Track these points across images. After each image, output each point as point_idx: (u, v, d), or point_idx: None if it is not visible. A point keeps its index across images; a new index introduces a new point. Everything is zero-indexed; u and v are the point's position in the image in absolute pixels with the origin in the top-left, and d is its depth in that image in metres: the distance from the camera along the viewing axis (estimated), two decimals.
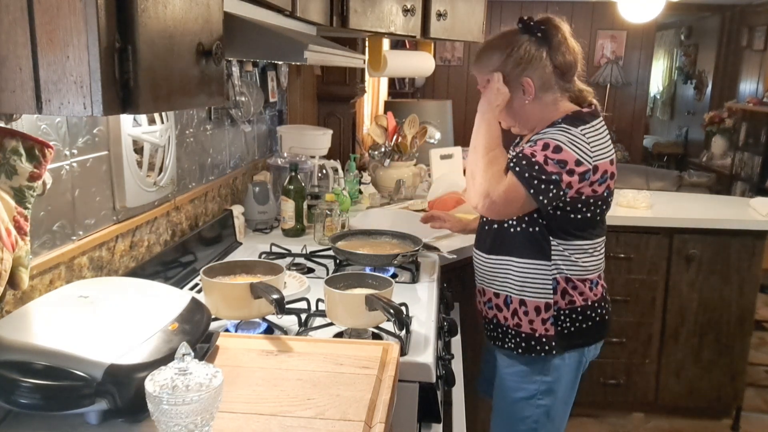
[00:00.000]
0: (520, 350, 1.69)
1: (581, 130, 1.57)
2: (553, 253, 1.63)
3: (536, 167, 1.53)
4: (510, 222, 1.67)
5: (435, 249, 2.09)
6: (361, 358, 1.21)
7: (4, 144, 0.99)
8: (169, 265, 1.70)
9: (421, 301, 1.67)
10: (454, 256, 2.09)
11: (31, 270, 1.13)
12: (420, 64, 2.97)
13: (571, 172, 1.53)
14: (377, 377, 1.14)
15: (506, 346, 1.73)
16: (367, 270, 1.82)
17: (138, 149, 1.55)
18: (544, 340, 1.66)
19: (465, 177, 1.83)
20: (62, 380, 0.92)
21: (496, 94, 1.64)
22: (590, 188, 1.58)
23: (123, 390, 0.93)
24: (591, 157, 1.55)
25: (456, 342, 1.81)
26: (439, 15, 2.49)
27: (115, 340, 0.99)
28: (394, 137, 2.87)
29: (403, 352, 1.34)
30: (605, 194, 1.62)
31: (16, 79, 0.77)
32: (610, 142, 1.64)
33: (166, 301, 1.18)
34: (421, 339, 1.43)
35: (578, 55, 1.64)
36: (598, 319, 1.70)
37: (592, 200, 1.60)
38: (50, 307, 1.08)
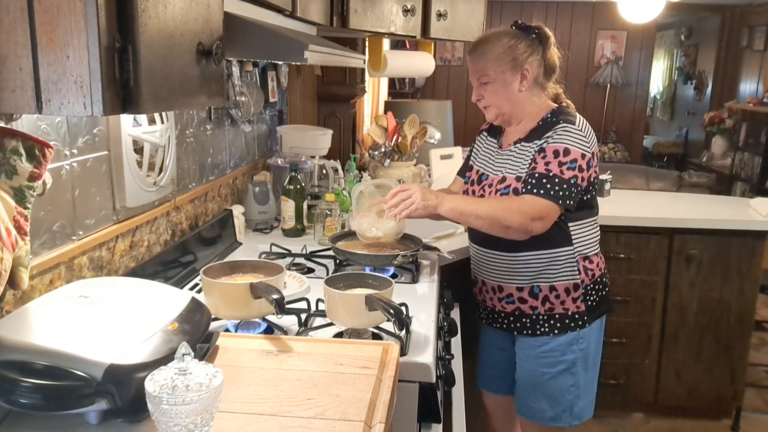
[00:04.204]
0: (556, 331, 1.81)
1: (580, 121, 1.73)
2: (573, 236, 1.77)
3: (556, 180, 1.66)
4: None
5: (435, 249, 2.09)
6: (361, 358, 1.21)
7: (4, 144, 0.99)
8: (169, 265, 1.70)
9: (421, 301, 1.67)
10: (454, 256, 2.09)
11: (31, 270, 1.13)
12: (420, 64, 2.97)
13: (581, 168, 1.68)
14: (377, 377, 1.14)
15: (539, 332, 1.82)
16: (367, 270, 1.82)
17: (138, 149, 1.55)
18: (576, 316, 1.80)
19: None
20: (62, 380, 0.92)
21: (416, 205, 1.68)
22: (593, 171, 1.75)
23: (123, 390, 0.93)
24: (590, 145, 1.72)
25: (456, 342, 1.81)
26: (439, 15, 2.49)
27: (115, 340, 0.99)
28: (394, 137, 2.87)
29: (403, 352, 1.34)
30: (597, 172, 1.81)
31: (16, 78, 0.77)
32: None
33: (166, 301, 1.18)
34: (421, 339, 1.43)
35: (558, 60, 1.84)
36: (609, 283, 1.92)
37: (593, 179, 1.78)
38: (50, 307, 1.08)
